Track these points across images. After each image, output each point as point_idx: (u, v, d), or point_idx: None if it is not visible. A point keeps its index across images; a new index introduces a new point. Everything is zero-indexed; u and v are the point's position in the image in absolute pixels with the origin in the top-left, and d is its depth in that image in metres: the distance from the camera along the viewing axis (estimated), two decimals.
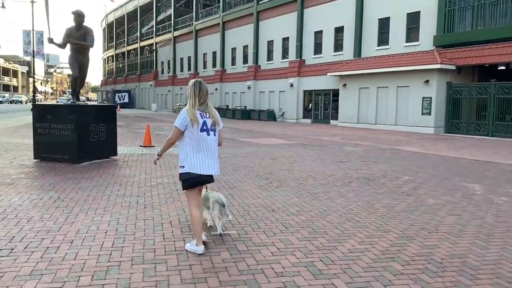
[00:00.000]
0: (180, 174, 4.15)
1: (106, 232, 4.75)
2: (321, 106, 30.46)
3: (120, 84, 69.33)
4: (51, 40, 9.33)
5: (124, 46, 68.70)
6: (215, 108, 4.35)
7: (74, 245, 4.33)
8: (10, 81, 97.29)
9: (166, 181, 7.72)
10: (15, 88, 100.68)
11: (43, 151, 9.64)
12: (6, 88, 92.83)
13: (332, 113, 29.43)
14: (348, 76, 26.77)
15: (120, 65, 71.55)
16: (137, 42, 63.08)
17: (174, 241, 4.52)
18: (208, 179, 4.22)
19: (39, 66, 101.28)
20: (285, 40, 33.59)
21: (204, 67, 45.69)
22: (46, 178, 7.78)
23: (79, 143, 9.34)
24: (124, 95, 60.61)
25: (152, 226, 5.04)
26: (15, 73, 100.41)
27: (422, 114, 22.63)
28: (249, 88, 37.14)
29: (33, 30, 39.82)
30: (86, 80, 10.85)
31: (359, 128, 25.12)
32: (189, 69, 48.89)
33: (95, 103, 77.76)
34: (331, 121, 29.30)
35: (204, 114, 4.11)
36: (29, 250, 4.13)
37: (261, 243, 4.51)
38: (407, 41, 24.43)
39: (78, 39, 9.43)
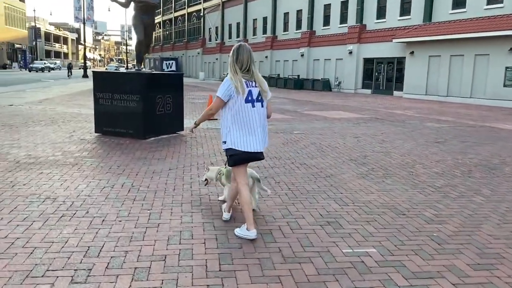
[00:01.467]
0: (226, 150, 3.74)
1: (204, 243, 3.60)
2: (383, 76, 28.29)
3: (167, 52, 68.77)
4: None
5: (171, 13, 67.65)
6: (263, 77, 3.86)
7: (169, 264, 3.20)
8: (61, 48, 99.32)
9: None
10: (66, 55, 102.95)
11: (105, 125, 8.69)
12: (57, 54, 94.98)
13: (396, 83, 27.24)
14: (417, 43, 24.41)
15: (167, 32, 70.81)
16: (184, 8, 61.78)
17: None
18: (257, 155, 3.74)
19: (88, 33, 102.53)
20: (344, 3, 31.22)
21: (254, 33, 43.92)
22: (113, 158, 6.78)
23: (145, 116, 8.30)
24: (172, 63, 59.91)
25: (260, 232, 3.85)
26: (65, 40, 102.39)
27: (505, 86, 20.20)
28: (302, 55, 35.25)
29: None
30: (131, 47, 9.73)
31: (429, 101, 22.98)
32: (238, 36, 47.28)
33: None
34: (394, 92, 27.17)
35: (250, 83, 3.65)
36: (111, 273, 3.04)
37: (423, 272, 3.19)
38: (488, 3, 21.70)
39: None
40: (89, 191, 4.98)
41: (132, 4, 8.38)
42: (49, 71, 59.20)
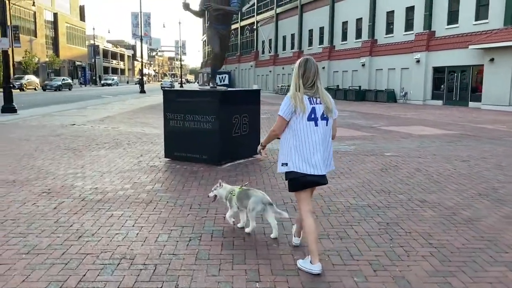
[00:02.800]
0: (285, 173, 3.43)
1: None
2: (456, 86, 26.00)
3: None
4: (186, 6, 7.29)
5: None
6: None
7: None
8: (118, 64, 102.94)
9: (355, 202, 5.23)
10: (122, 71, 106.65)
11: (176, 149, 7.71)
12: (114, 71, 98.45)
13: (472, 93, 24.91)
14: (498, 49, 22.09)
15: None
16: (237, 22, 61.72)
17: None
18: (319, 180, 3.40)
19: (143, 50, 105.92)
20: (409, 9, 29.29)
21: (310, 44, 42.66)
22: (190, 192, 5.72)
23: (221, 139, 7.23)
24: (225, 77, 59.78)
25: None
26: (121, 57, 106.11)
27: None
28: (363, 65, 33.51)
29: (140, 12, 40.03)
30: (184, 62, 8.70)
31: None
32: (292, 47, 46.21)
33: (197, 85, 79.04)
34: (469, 103, 24.82)
35: (314, 100, 3.34)
36: None
37: None
38: None
39: (220, 3, 7.24)
40: (172, 246, 3.88)
41: (207, 13, 7.41)
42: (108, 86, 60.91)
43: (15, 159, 7.79)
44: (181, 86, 74.20)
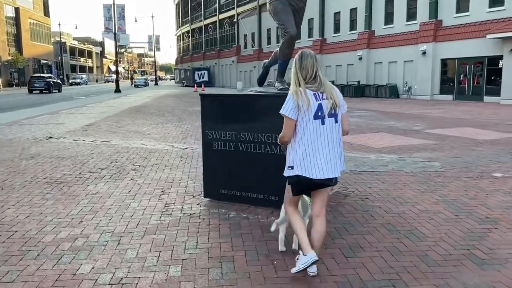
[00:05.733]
0: (288, 177, 3.15)
1: None
2: (469, 79, 24.10)
3: (197, 62, 65.77)
4: None
5: (201, 21, 64.61)
6: None
7: None
8: (86, 62, 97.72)
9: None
10: (91, 69, 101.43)
11: (224, 184, 5.04)
12: (82, 69, 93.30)
13: (487, 87, 23.04)
14: None
15: (197, 41, 67.80)
16: (215, 15, 58.70)
17: None
18: (325, 182, 3.09)
19: (112, 46, 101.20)
20: None
21: (296, 38, 40.16)
22: (268, 275, 3.11)
23: None
24: (204, 73, 56.84)
25: None
26: (89, 54, 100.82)
27: None
28: (360, 59, 31.33)
29: (114, 4, 36.56)
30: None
31: None
32: (278, 41, 43.62)
33: (173, 83, 75.38)
34: (484, 97, 22.96)
35: (319, 95, 3.03)
36: None
37: None
38: None
39: None
40: None
41: None
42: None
43: None
44: (156, 83, 70.58)
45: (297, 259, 3.22)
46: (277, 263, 3.48)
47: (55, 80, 39.67)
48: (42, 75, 42.50)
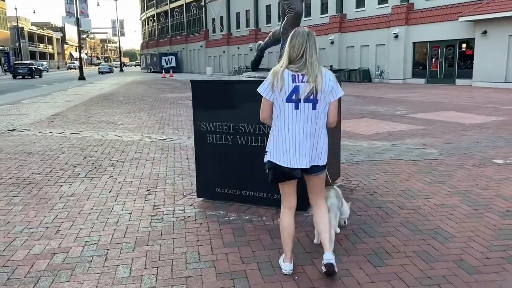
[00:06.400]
0: (265, 163, 2.93)
1: None
2: (441, 62, 24.21)
3: (164, 47, 63.95)
4: None
5: (166, 4, 62.63)
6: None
7: None
8: (46, 48, 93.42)
9: None
10: (51, 56, 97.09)
11: (219, 182, 4.49)
12: (42, 56, 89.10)
13: (459, 70, 23.21)
14: (491, 21, 20.34)
15: (163, 26, 65.79)
16: None
17: None
18: (292, 172, 2.81)
19: (73, 32, 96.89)
20: None
21: (268, 21, 39.48)
22: None
23: None
24: (171, 59, 55.33)
25: None
26: (49, 40, 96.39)
27: None
28: (332, 43, 31.04)
29: None
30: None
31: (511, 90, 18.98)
32: (248, 25, 42.84)
33: (139, 69, 72.98)
34: (456, 80, 23.14)
35: (298, 77, 2.74)
36: None
37: None
38: None
39: None
40: None
41: None
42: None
43: None
44: (121, 70, 68.29)
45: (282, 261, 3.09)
46: (298, 277, 2.99)
47: (36, 67, 43.05)
48: (25, 62, 46.72)
